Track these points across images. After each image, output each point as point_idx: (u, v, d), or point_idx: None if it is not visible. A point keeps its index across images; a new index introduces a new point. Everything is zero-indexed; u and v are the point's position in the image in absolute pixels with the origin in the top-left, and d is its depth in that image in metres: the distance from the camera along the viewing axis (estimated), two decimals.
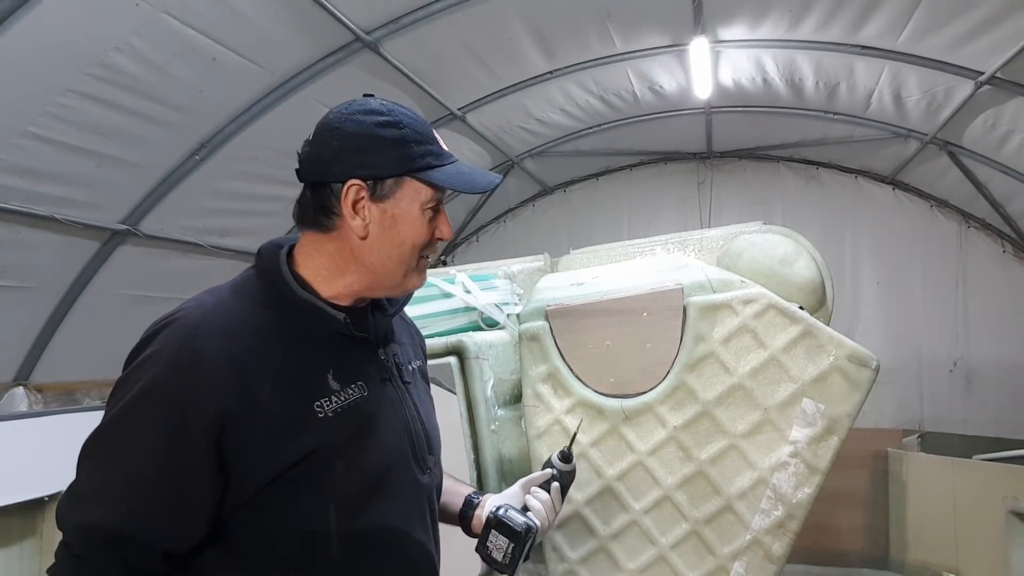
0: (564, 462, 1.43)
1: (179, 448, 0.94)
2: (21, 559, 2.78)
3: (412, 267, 1.11)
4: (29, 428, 2.84)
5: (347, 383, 1.07)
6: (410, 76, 4.37)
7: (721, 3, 4.21)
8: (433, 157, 1.09)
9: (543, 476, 1.43)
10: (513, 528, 1.28)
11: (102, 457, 0.96)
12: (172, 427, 0.93)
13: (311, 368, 1.04)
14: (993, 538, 3.80)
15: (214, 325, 0.99)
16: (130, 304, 4.30)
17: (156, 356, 0.96)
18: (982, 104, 4.51)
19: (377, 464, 1.08)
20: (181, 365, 0.95)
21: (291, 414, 0.99)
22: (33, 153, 3.19)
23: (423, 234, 1.10)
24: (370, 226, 1.06)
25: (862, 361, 1.80)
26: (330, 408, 1.03)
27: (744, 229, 2.34)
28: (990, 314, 6.00)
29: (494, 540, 1.29)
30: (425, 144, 1.09)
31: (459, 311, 2.28)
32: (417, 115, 1.13)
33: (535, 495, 1.39)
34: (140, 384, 0.95)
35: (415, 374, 1.27)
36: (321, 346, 1.07)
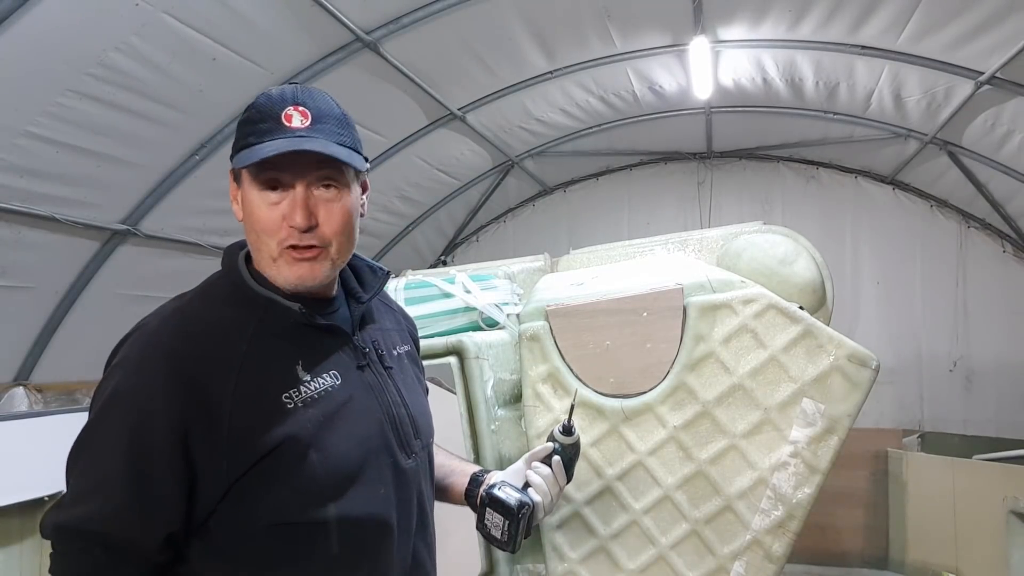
0: (565, 435, 1.41)
1: (141, 450, 0.96)
2: (21, 559, 2.78)
3: (274, 255, 1.05)
4: (29, 428, 2.84)
5: (317, 373, 1.06)
6: (410, 76, 4.37)
7: (721, 3, 4.21)
8: (255, 136, 1.03)
9: (544, 450, 1.40)
10: (506, 504, 1.27)
11: (77, 465, 1.00)
12: (135, 431, 0.96)
13: (277, 361, 1.04)
14: (993, 538, 3.80)
15: (174, 329, 1.02)
16: (130, 304, 4.30)
17: (120, 364, 1.01)
18: (982, 104, 4.51)
19: (353, 451, 1.07)
20: (143, 370, 0.98)
21: (259, 408, 1.00)
22: (33, 153, 3.19)
23: (264, 219, 1.04)
24: (241, 212, 1.08)
25: (862, 361, 1.80)
26: (299, 399, 1.03)
27: (744, 229, 2.34)
28: (990, 314, 6.00)
29: (490, 518, 1.28)
30: (260, 123, 1.04)
31: (459, 311, 2.28)
32: (279, 93, 1.06)
33: (536, 470, 1.37)
34: (106, 392, 0.99)
35: (401, 359, 1.26)
36: (287, 338, 1.07)
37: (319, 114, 1.06)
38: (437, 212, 6.67)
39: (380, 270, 1.26)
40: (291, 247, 1.05)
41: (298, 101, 1.06)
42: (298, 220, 1.03)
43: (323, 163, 1.04)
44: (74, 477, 1.00)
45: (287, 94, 1.06)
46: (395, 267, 1.85)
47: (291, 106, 1.05)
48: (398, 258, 6.54)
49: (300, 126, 1.04)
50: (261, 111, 1.05)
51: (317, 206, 1.05)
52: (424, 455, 1.23)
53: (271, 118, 1.04)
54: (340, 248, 1.09)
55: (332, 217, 1.06)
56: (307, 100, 1.06)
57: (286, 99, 1.05)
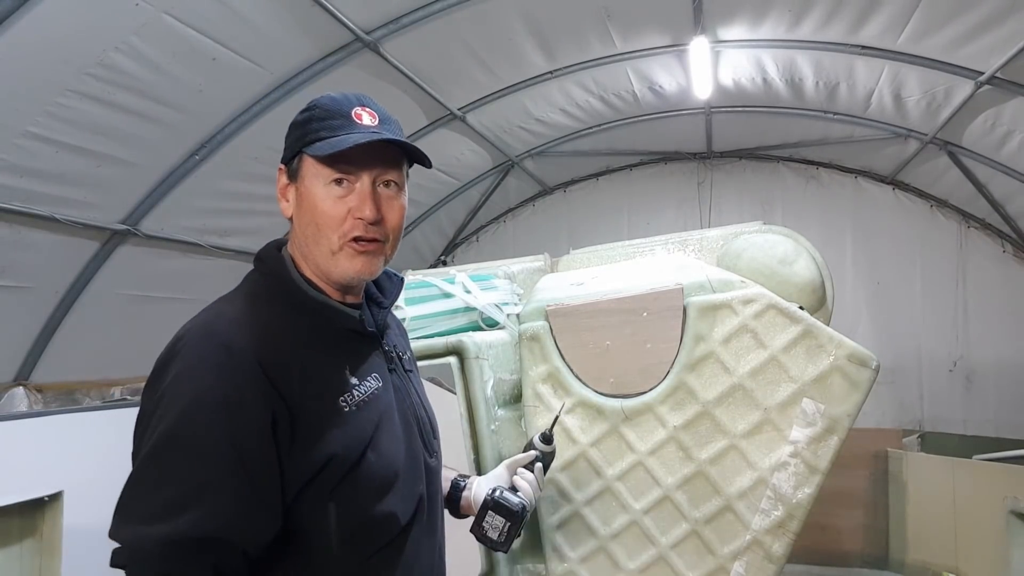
0: (545, 443, 1.51)
1: (243, 450, 0.95)
2: (21, 559, 2.78)
3: (336, 248, 1.07)
4: (29, 428, 2.84)
5: (362, 377, 1.10)
6: (410, 76, 4.37)
7: (721, 3, 4.21)
8: (328, 130, 1.07)
9: (527, 458, 1.50)
10: (510, 508, 1.35)
11: (166, 471, 0.94)
12: (231, 431, 0.95)
13: (331, 366, 1.07)
14: (993, 538, 3.80)
15: (241, 330, 1.01)
16: (130, 304, 4.30)
17: (195, 366, 0.97)
18: (982, 104, 4.51)
19: (399, 451, 1.12)
20: (224, 370, 0.96)
21: (321, 412, 1.02)
22: (33, 153, 3.19)
23: (331, 212, 1.06)
24: (293, 208, 1.11)
25: (862, 361, 1.80)
26: (353, 402, 1.06)
27: (744, 229, 2.34)
28: (990, 314, 6.00)
29: (490, 520, 1.36)
30: (328, 120, 1.08)
31: (459, 311, 2.28)
32: (345, 97, 1.12)
33: (522, 476, 1.46)
34: (188, 396, 0.95)
35: (410, 363, 1.31)
36: (335, 343, 1.10)
37: (384, 116, 1.13)
38: (437, 212, 6.67)
39: (396, 276, 1.30)
40: (354, 239, 1.07)
41: (364, 103, 1.12)
42: (368, 212, 1.06)
43: (389, 162, 1.09)
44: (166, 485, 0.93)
45: (351, 97, 1.12)
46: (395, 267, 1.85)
47: (358, 107, 1.10)
48: (398, 258, 6.39)
49: (371, 124, 1.09)
50: (328, 109, 1.10)
51: (381, 201, 1.09)
52: (440, 455, 1.29)
53: (341, 116, 1.09)
54: (393, 245, 1.14)
55: (393, 213, 1.11)
56: (371, 104, 1.13)
57: (352, 101, 1.11)
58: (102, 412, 2.83)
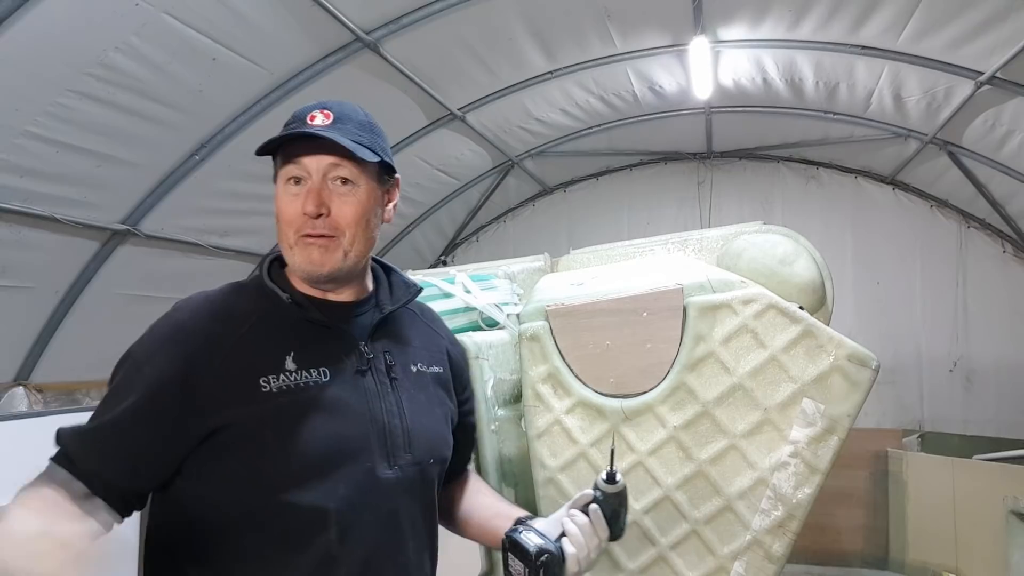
0: (608, 483, 1.28)
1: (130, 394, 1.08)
2: None
3: (291, 243, 1.14)
4: (29, 428, 2.84)
5: (306, 367, 1.12)
6: (410, 76, 4.37)
7: (721, 3, 4.21)
8: (284, 129, 1.14)
9: (583, 499, 1.28)
10: (525, 550, 1.18)
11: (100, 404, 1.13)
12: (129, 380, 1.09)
13: (269, 348, 1.12)
14: (993, 538, 3.80)
15: (188, 307, 1.15)
16: (130, 304, 4.30)
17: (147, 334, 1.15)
18: (982, 104, 4.51)
19: (318, 445, 1.09)
20: (152, 335, 1.13)
21: (233, 385, 1.08)
22: (33, 153, 3.19)
23: (285, 209, 1.14)
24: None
25: (862, 361, 1.80)
26: (276, 385, 1.09)
27: (744, 229, 2.33)
28: (990, 314, 6.00)
29: (512, 564, 1.21)
30: (289, 124, 1.15)
31: (459, 311, 2.28)
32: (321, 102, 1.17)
33: (572, 518, 1.25)
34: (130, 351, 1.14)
35: (419, 377, 1.25)
36: (286, 331, 1.14)
37: (341, 116, 1.15)
38: (437, 212, 6.67)
39: (413, 285, 1.32)
40: (304, 235, 1.13)
41: (325, 107, 1.16)
42: (308, 207, 1.11)
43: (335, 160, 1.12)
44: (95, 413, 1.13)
45: (321, 103, 1.17)
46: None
47: (318, 110, 1.15)
48: (398, 258, 6.54)
49: (320, 124, 1.13)
50: (294, 115, 1.17)
51: (331, 197, 1.13)
52: (413, 471, 1.18)
53: (298, 119, 1.15)
54: (353, 239, 1.14)
55: (344, 208, 1.13)
56: (334, 106, 1.17)
57: (316, 106, 1.16)
58: None
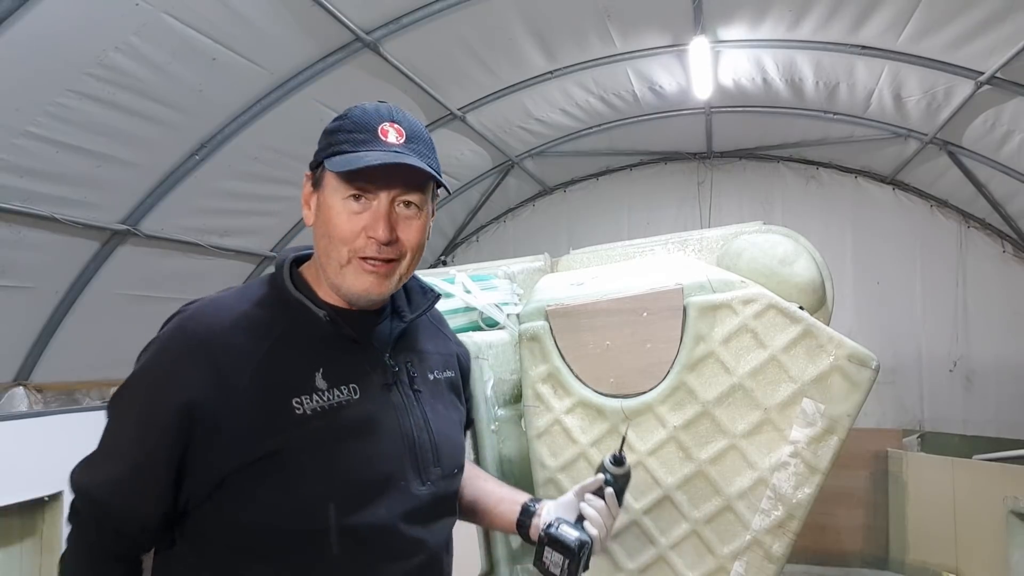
0: (617, 465, 1.36)
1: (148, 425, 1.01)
2: (21, 559, 2.78)
3: (343, 262, 1.05)
4: (29, 428, 2.85)
5: (335, 384, 1.05)
6: (410, 76, 4.37)
7: (721, 3, 4.21)
8: (351, 145, 1.05)
9: (596, 483, 1.34)
10: (567, 544, 1.26)
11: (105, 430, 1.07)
12: (145, 406, 1.02)
13: (297, 366, 1.04)
14: (993, 538, 3.80)
15: (203, 319, 1.05)
16: (130, 304, 4.30)
17: (153, 343, 1.06)
18: (982, 104, 4.51)
19: (358, 467, 1.05)
20: (167, 350, 1.04)
21: (266, 407, 1.01)
22: (33, 153, 3.19)
23: (344, 228, 1.04)
24: (313, 215, 1.10)
25: (862, 361, 1.80)
26: (310, 406, 1.02)
27: (744, 229, 2.33)
28: (990, 314, 6.00)
29: (549, 556, 1.28)
30: (355, 133, 1.06)
31: (459, 311, 2.28)
32: (375, 109, 1.09)
33: (590, 503, 1.32)
34: (135, 368, 1.06)
35: (437, 384, 1.23)
36: (313, 346, 1.07)
37: (413, 134, 1.09)
38: (437, 212, 6.65)
39: (431, 291, 1.26)
40: (364, 258, 1.06)
41: (394, 119, 1.08)
42: (380, 233, 1.04)
43: (410, 183, 1.07)
44: (100, 441, 1.07)
45: (383, 110, 1.09)
46: None
47: (387, 122, 1.07)
48: None
49: (396, 142, 1.06)
50: (356, 122, 1.07)
51: (397, 221, 1.07)
52: (443, 485, 1.17)
53: (367, 130, 1.06)
54: (410, 265, 1.11)
55: (410, 232, 1.09)
56: (402, 120, 1.09)
57: (382, 115, 1.08)
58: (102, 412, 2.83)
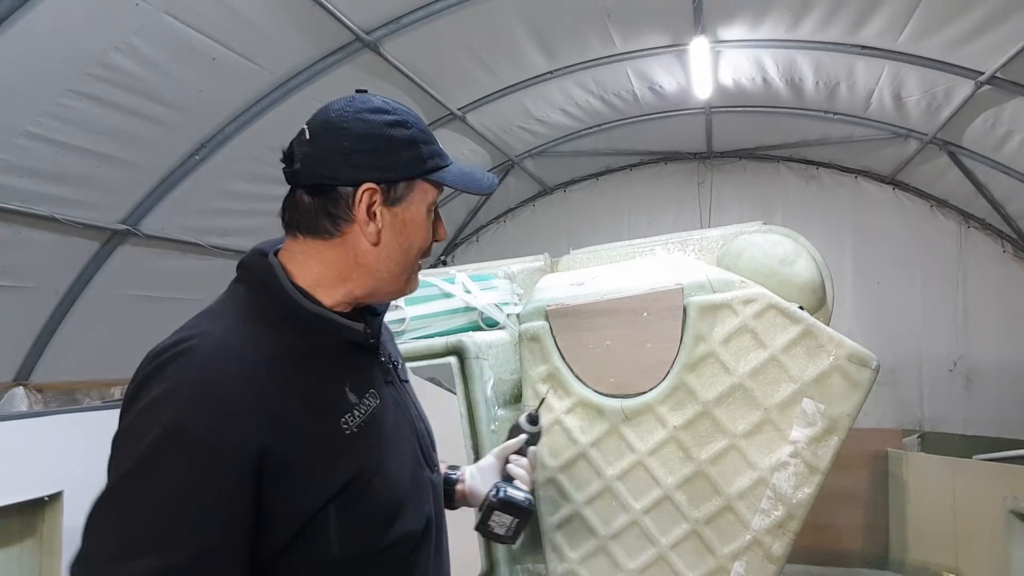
0: (532, 424, 1.50)
1: (212, 493, 0.85)
2: (21, 559, 2.77)
3: (415, 272, 1.10)
4: (29, 428, 2.84)
5: (362, 394, 1.02)
6: (410, 76, 4.37)
7: (721, 3, 4.21)
8: (439, 158, 1.08)
9: (518, 443, 1.46)
10: (519, 505, 1.35)
11: (124, 512, 0.84)
12: (203, 471, 0.84)
13: (329, 384, 0.99)
14: (993, 538, 3.80)
15: (229, 352, 0.90)
16: (130, 304, 4.30)
17: (172, 393, 0.86)
18: (982, 104, 4.51)
19: (402, 471, 1.06)
20: (206, 400, 0.86)
21: (323, 437, 0.94)
22: (33, 153, 3.19)
23: (427, 237, 1.08)
24: (383, 232, 1.02)
25: (862, 361, 1.80)
26: (354, 423, 0.98)
27: (744, 229, 2.34)
28: (990, 314, 6.00)
29: (497, 519, 1.35)
30: (431, 144, 1.08)
31: (459, 311, 2.28)
32: (415, 112, 1.12)
33: (517, 463, 1.43)
34: (158, 428, 0.84)
35: (406, 371, 1.26)
36: (332, 359, 1.01)
37: None
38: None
39: None
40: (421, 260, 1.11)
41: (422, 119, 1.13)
42: (445, 235, 1.11)
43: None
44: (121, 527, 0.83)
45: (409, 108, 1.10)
46: None
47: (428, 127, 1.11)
48: None
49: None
50: (425, 131, 1.08)
51: None
52: (439, 467, 1.23)
53: (434, 140, 1.09)
54: None
55: None
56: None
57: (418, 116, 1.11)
58: (102, 412, 2.83)
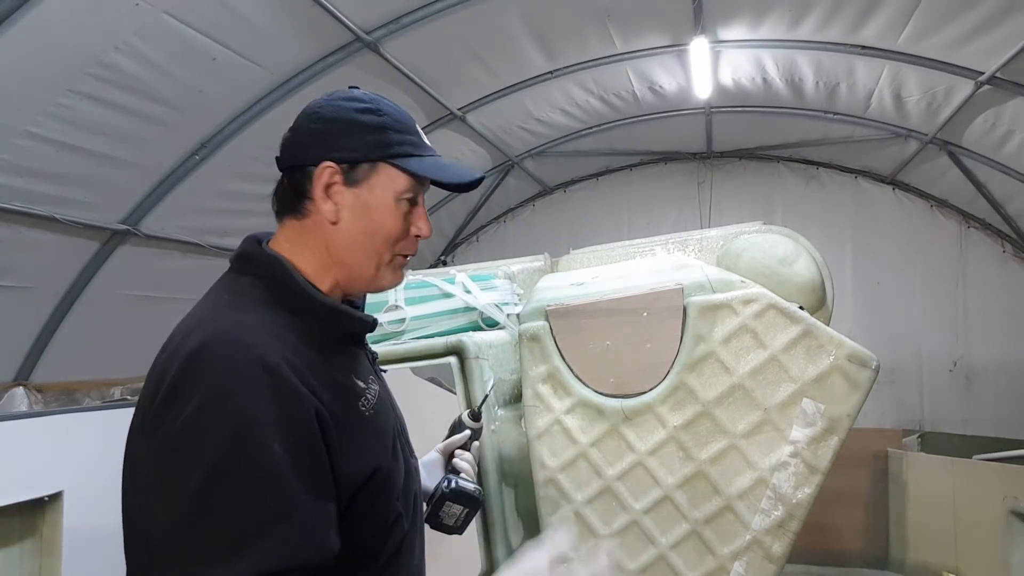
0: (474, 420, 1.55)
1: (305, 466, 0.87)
2: (21, 559, 2.77)
3: (385, 262, 1.07)
4: (29, 428, 2.84)
5: (364, 380, 1.07)
6: (410, 76, 4.37)
7: (721, 3, 4.21)
8: (412, 147, 1.06)
9: (463, 438, 1.51)
10: (471, 495, 1.39)
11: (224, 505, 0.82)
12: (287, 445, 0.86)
13: (343, 371, 1.02)
14: (993, 538, 3.80)
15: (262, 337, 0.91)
16: (130, 304, 4.30)
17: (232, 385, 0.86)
18: (982, 104, 4.51)
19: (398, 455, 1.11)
20: (263, 385, 0.87)
21: (353, 420, 0.98)
22: (33, 153, 3.19)
23: (396, 226, 1.05)
24: (341, 211, 1.03)
25: (862, 361, 1.80)
26: (368, 406, 1.03)
27: (744, 229, 2.34)
28: (990, 314, 6.00)
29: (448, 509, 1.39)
30: (405, 134, 1.07)
31: (459, 311, 2.28)
32: (401, 109, 1.11)
33: (462, 457, 1.48)
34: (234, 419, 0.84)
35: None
36: (339, 349, 1.05)
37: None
38: (437, 212, 6.68)
39: None
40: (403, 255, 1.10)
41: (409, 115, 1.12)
42: (428, 232, 1.09)
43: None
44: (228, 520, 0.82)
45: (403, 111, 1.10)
46: None
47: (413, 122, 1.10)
48: None
49: (428, 143, 1.10)
50: (400, 122, 1.08)
51: None
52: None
53: (413, 132, 1.09)
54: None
55: None
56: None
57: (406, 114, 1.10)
58: (102, 412, 2.83)
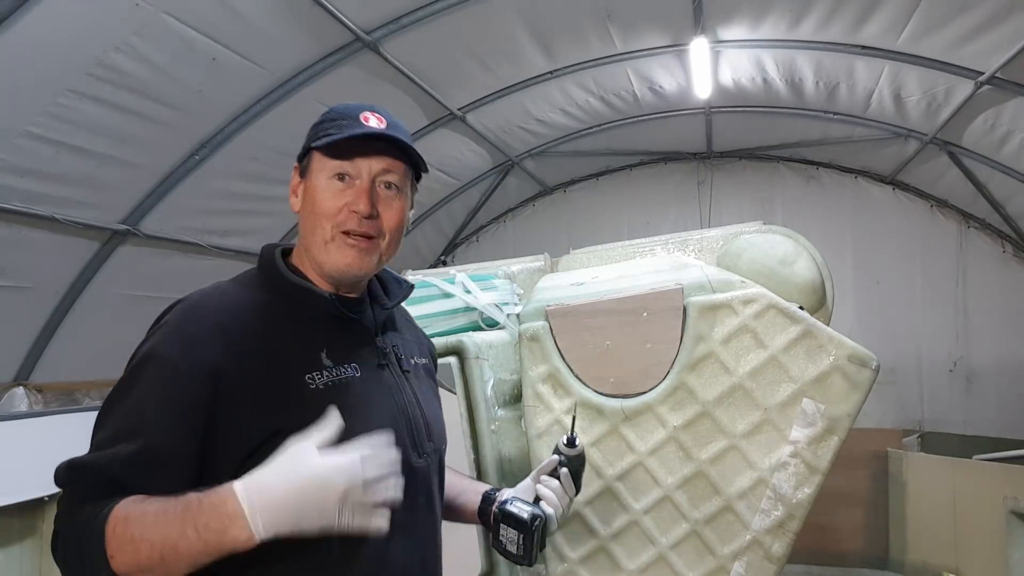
0: (570, 447, 1.45)
1: (170, 400, 1.00)
2: (21, 559, 2.78)
3: (328, 238, 1.13)
4: (29, 428, 2.84)
5: (339, 362, 1.12)
6: (410, 76, 4.37)
7: (721, 3, 4.21)
8: (336, 129, 1.13)
9: (551, 464, 1.44)
10: (519, 518, 1.31)
11: (105, 419, 1.03)
12: (165, 382, 1.01)
13: (304, 345, 1.10)
14: (993, 538, 3.80)
15: (210, 302, 1.09)
16: (130, 304, 4.30)
17: (159, 329, 1.07)
18: (982, 104, 4.51)
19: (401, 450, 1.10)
20: (179, 331, 1.04)
21: (281, 383, 1.05)
22: (33, 153, 3.19)
23: (328, 203, 1.12)
24: (300, 202, 1.17)
25: (862, 361, 1.80)
26: (321, 381, 1.08)
27: (744, 229, 2.34)
28: (990, 314, 6.01)
29: (505, 533, 1.32)
30: (337, 121, 1.14)
31: (459, 311, 2.28)
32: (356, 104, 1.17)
33: (545, 483, 1.41)
34: (143, 351, 1.05)
35: (417, 368, 1.31)
36: (315, 327, 1.13)
37: (392, 123, 1.17)
38: (437, 212, 6.68)
39: (405, 282, 1.34)
40: (346, 232, 1.12)
41: (375, 110, 1.17)
42: (362, 206, 1.11)
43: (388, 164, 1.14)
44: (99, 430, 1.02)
45: (363, 104, 1.17)
46: (395, 267, 1.85)
47: (368, 111, 1.16)
48: (398, 258, 6.35)
49: (377, 126, 1.14)
50: (340, 113, 1.16)
51: (378, 200, 1.14)
52: (435, 458, 1.27)
53: (349, 117, 1.14)
54: (389, 244, 1.18)
55: (391, 212, 1.16)
56: (380, 111, 1.18)
57: (363, 106, 1.17)
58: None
